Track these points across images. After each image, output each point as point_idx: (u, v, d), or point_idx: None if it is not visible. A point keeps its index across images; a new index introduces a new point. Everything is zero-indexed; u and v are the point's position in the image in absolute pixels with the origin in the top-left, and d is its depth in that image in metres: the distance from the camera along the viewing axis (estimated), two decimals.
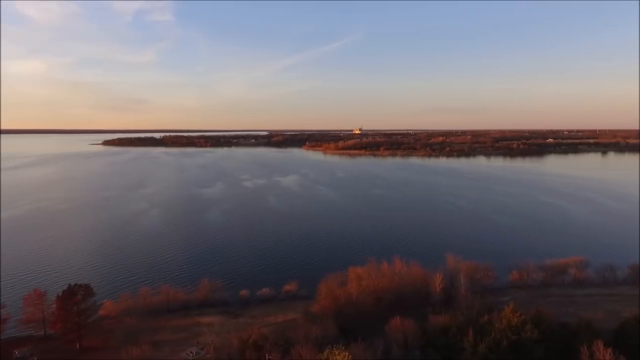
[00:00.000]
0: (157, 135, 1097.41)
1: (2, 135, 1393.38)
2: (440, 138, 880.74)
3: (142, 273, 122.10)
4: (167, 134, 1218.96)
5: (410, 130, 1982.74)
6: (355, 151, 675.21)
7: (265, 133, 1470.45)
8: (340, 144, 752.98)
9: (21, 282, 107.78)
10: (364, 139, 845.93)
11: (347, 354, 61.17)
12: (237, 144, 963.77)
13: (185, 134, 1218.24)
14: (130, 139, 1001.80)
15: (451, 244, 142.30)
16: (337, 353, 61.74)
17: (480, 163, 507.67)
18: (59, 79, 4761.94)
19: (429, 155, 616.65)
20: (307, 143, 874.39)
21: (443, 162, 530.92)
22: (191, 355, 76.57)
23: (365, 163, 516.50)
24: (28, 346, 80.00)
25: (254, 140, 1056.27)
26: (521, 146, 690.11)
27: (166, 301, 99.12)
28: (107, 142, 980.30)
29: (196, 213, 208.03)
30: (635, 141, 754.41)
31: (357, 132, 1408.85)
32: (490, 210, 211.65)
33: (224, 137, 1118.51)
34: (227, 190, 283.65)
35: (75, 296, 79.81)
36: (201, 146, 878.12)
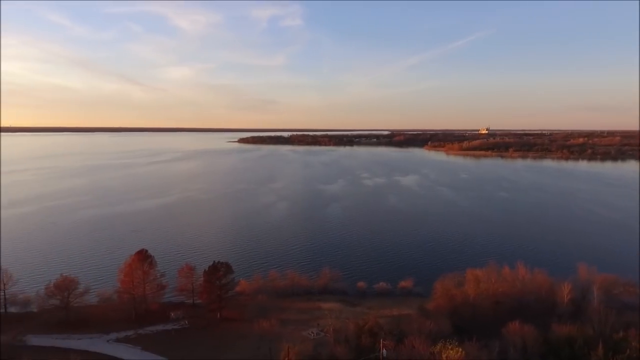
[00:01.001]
0: (285, 134, 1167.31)
1: (161, 133, 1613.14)
2: (581, 139, 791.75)
3: (271, 258, 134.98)
4: (294, 132, 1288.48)
5: (544, 130, 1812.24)
6: (481, 152, 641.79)
7: (386, 132, 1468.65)
8: (465, 144, 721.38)
9: (175, 257, 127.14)
10: (491, 139, 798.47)
11: (460, 349, 62.47)
12: (359, 143, 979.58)
13: (310, 133, 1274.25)
14: (262, 137, 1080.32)
15: (585, 254, 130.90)
16: (450, 348, 63.39)
17: (632, 168, 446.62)
18: (202, 83, 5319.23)
19: (566, 158, 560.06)
20: (429, 143, 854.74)
21: (583, 165, 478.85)
22: (312, 334, 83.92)
23: (492, 164, 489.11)
24: (180, 310, 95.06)
25: (375, 139, 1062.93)
26: None
27: (291, 285, 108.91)
28: (242, 140, 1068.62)
29: (319, 207, 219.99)
30: None
31: (484, 132, 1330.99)
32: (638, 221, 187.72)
33: (346, 136, 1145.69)
34: (348, 188, 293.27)
35: (218, 272, 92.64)
36: (325, 145, 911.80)
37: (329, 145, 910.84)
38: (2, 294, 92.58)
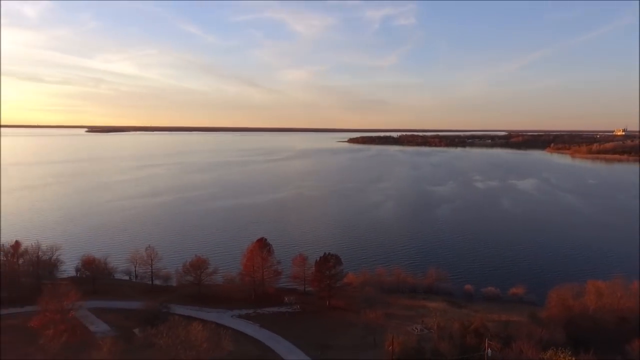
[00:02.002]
0: (394, 134, 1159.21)
1: (277, 132, 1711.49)
2: None
3: (378, 255, 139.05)
4: (404, 133, 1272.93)
5: None
6: (615, 156, 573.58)
7: (503, 133, 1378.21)
8: (595, 147, 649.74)
9: (289, 247, 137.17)
10: (628, 142, 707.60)
11: (573, 359, 60.44)
12: (472, 144, 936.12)
13: (420, 133, 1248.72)
14: (371, 137, 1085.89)
15: None
16: (562, 357, 61.52)
17: None
18: (315, 84, 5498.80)
19: None
20: (551, 145, 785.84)
21: None
22: (416, 330, 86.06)
23: (627, 170, 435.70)
24: (293, 296, 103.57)
25: (490, 140, 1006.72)
26: None
27: (397, 282, 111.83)
28: (351, 140, 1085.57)
29: (427, 208, 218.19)
30: None
31: (620, 133, 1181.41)
32: None
33: (458, 137, 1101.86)
34: (458, 190, 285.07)
35: (328, 263, 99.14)
36: (435, 145, 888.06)
37: (440, 146, 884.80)
38: (150, 268, 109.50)
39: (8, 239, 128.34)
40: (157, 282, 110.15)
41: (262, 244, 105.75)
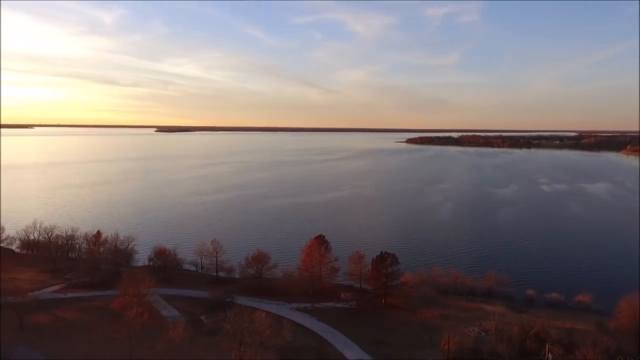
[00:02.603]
0: (454, 135, 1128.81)
1: (334, 133, 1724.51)
2: None
3: (435, 255, 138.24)
4: (465, 133, 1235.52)
5: None
6: None
7: (573, 134, 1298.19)
8: None
9: (346, 245, 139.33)
10: None
11: None
12: (538, 145, 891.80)
13: (482, 134, 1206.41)
14: (430, 137, 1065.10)
15: None
16: None
17: None
18: (374, 84, 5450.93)
19: None
20: (627, 147, 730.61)
21: None
22: (474, 332, 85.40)
23: None
24: (350, 293, 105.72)
25: (558, 141, 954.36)
26: None
27: (454, 284, 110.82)
28: (409, 140, 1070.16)
29: (487, 210, 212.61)
30: None
31: None
32: None
33: (523, 137, 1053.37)
34: (521, 192, 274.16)
35: (385, 261, 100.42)
36: (498, 146, 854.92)
37: (503, 147, 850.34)
38: (215, 260, 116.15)
39: (90, 229, 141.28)
40: (221, 273, 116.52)
41: (320, 241, 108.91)
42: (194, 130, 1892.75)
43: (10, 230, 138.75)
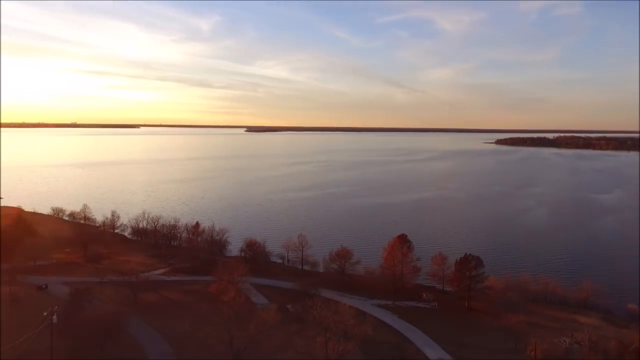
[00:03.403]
0: (549, 136, 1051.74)
1: (419, 133, 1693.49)
2: None
3: (523, 261, 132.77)
4: (562, 134, 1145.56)
5: None
6: None
7: None
8: None
9: (428, 246, 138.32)
10: None
11: None
12: None
13: (582, 135, 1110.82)
14: (522, 138, 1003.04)
15: None
16: None
17: None
18: (461, 83, 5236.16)
19: None
20: None
21: None
22: (564, 343, 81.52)
23: None
24: (431, 293, 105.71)
25: None
26: None
27: (543, 291, 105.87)
28: (499, 141, 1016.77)
29: (584, 217, 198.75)
30: None
31: None
32: None
33: (630, 139, 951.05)
34: (626, 200, 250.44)
35: (469, 263, 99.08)
36: (600, 148, 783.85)
37: (606, 149, 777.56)
38: (301, 254, 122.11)
39: (189, 220, 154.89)
40: (305, 267, 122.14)
41: (403, 240, 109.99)
42: (280, 130, 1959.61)
43: (123, 219, 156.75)
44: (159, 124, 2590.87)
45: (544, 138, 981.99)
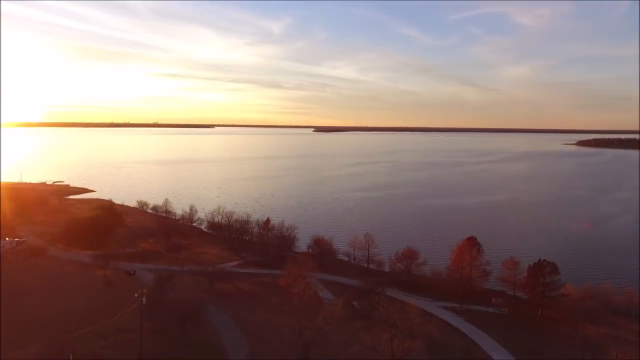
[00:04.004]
0: (638, 137, 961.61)
1: (493, 133, 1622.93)
2: None
3: (605, 270, 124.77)
4: None
5: None
6: None
7: None
8: None
9: (499, 250, 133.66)
10: None
11: None
12: None
13: None
14: (608, 139, 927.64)
15: None
16: None
17: None
18: (539, 81, 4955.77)
19: None
20: None
21: None
22: None
23: None
24: (502, 298, 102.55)
25: None
26: None
27: (628, 304, 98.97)
28: (581, 143, 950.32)
29: None
30: None
31: None
32: None
33: None
34: None
35: (543, 269, 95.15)
36: None
37: None
38: (367, 253, 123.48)
39: (260, 216, 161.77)
40: (371, 265, 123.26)
41: (472, 242, 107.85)
42: (348, 131, 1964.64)
43: (200, 213, 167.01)
44: (232, 124, 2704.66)
45: (632, 139, 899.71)
